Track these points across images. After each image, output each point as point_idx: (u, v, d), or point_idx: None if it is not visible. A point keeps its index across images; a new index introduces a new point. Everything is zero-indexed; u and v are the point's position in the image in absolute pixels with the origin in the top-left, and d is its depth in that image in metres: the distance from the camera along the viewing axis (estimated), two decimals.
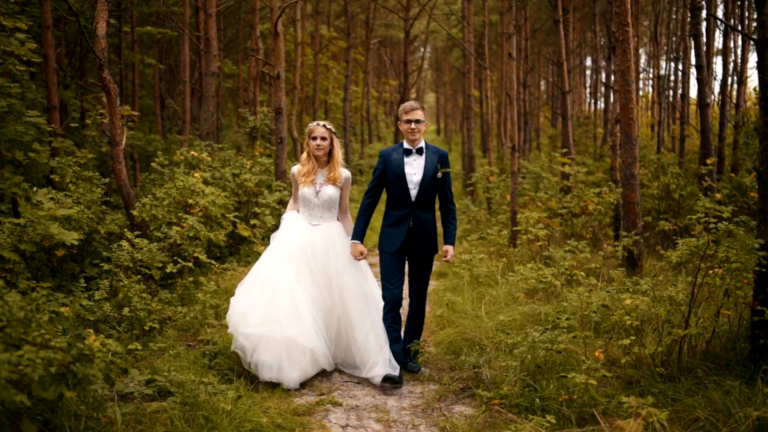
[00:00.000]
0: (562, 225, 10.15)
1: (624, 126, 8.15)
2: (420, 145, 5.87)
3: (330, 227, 6.08)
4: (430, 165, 5.83)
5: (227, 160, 10.86)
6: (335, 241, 5.99)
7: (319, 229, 6.03)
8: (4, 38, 8.90)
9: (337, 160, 6.10)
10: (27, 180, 9.43)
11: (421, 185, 5.80)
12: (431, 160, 5.85)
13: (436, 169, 5.83)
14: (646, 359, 5.07)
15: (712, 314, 5.20)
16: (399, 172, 5.79)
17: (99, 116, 11.31)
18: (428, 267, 5.99)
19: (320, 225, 6.06)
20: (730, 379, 4.59)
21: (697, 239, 5.09)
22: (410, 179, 5.80)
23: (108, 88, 8.65)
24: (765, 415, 3.72)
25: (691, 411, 4.11)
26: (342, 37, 25.81)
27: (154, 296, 7.17)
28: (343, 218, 6.27)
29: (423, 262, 5.93)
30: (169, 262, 7.57)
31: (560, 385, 4.75)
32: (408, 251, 5.87)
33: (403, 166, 5.80)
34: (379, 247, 5.95)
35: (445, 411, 5.04)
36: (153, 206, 8.44)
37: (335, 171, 6.07)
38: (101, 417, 4.27)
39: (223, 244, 9.13)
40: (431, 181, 5.82)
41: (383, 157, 5.93)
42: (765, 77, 5.04)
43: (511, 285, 7.67)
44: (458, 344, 6.22)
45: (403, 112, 5.84)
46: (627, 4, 7.97)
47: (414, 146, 5.85)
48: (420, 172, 5.81)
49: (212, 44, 12.38)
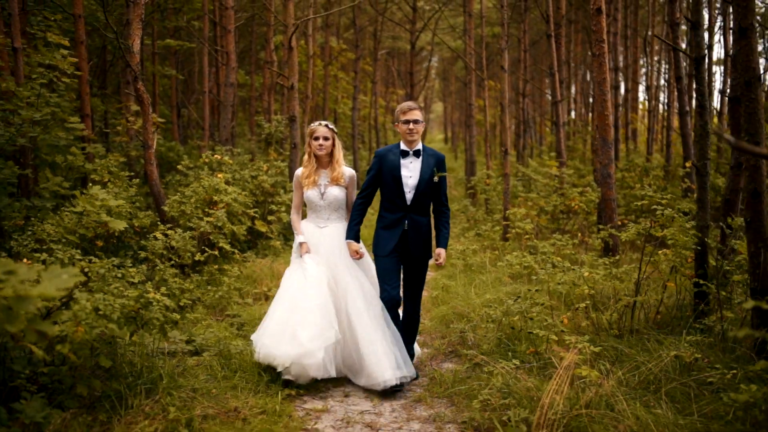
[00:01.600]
0: (549, 221, 11.15)
1: (600, 131, 9.14)
2: (417, 147, 5.70)
3: (338, 228, 5.97)
4: (427, 169, 5.67)
5: (245, 164, 11.92)
6: (343, 244, 5.89)
7: (326, 231, 5.94)
8: (49, 53, 10.02)
9: (338, 160, 6.00)
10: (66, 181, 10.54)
11: (417, 189, 5.65)
12: (428, 163, 5.68)
13: (433, 173, 5.68)
14: (603, 324, 6.06)
15: (656, 286, 6.19)
16: (395, 174, 5.65)
17: (128, 123, 12.41)
18: (422, 272, 5.84)
19: (328, 227, 5.96)
20: (670, 337, 5.57)
21: (642, 223, 6.10)
22: (406, 182, 5.66)
23: (141, 98, 9.71)
24: (681, 353, 4.72)
25: (628, 356, 5.10)
26: (351, 49, 26.90)
27: (185, 279, 8.22)
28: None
29: (417, 266, 5.79)
30: (197, 252, 8.62)
31: (529, 343, 5.75)
32: (402, 254, 5.74)
33: (400, 169, 5.65)
34: (374, 250, 5.85)
35: (435, 367, 6.04)
36: (181, 203, 9.49)
37: (338, 170, 5.96)
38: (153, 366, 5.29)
39: (243, 238, 10.19)
40: (427, 185, 5.67)
41: (378, 157, 5.79)
42: (701, 87, 6.04)
43: (499, 271, 8.69)
44: (449, 317, 7.23)
45: (401, 112, 5.70)
46: (602, 23, 8.97)
47: (411, 148, 5.68)
48: (416, 176, 5.65)
49: (231, 57, 13.46)
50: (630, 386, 4.66)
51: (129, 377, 4.78)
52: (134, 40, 9.55)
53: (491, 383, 4.87)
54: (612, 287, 6.61)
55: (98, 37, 16.28)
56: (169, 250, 8.39)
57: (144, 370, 5.01)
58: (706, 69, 5.95)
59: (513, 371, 4.92)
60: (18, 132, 9.02)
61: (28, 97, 9.31)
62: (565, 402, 4.26)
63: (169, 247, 8.37)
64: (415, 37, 22.86)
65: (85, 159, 10.80)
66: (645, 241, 6.07)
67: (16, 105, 9.19)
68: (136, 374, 4.88)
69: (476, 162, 18.92)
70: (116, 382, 4.64)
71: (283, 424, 4.64)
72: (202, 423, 4.44)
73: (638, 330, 5.87)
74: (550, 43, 13.71)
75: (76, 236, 6.59)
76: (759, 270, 4.83)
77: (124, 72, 16.61)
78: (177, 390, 4.77)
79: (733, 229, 6.04)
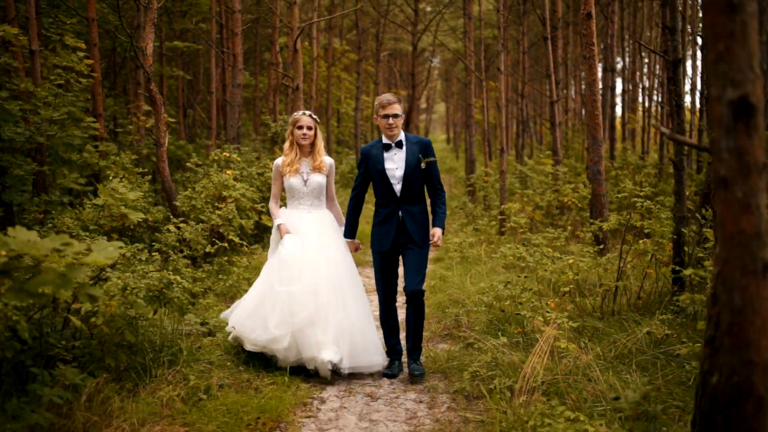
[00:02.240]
0: (544, 216, 11.63)
1: (591, 130, 9.61)
2: (399, 138, 5.72)
3: (322, 215, 6.09)
4: (412, 157, 5.66)
5: (252, 161, 12.41)
6: (328, 229, 6.03)
7: (312, 216, 6.04)
8: (66, 55, 10.52)
9: (319, 149, 6.09)
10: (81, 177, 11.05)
11: (404, 179, 5.66)
12: (412, 151, 5.68)
13: (419, 159, 5.66)
14: (587, 308, 6.54)
15: (638, 273, 6.66)
16: (379, 169, 5.68)
17: (139, 122, 12.92)
18: (423, 259, 5.73)
19: (312, 213, 6.07)
20: (647, 318, 6.05)
21: (623, 214, 6.59)
22: (392, 174, 5.67)
23: (154, 99, 10.20)
24: (653, 330, 5.19)
25: (607, 334, 5.58)
26: (353, 50, 27.38)
27: (197, 269, 8.70)
28: (331, 206, 6.27)
29: (417, 254, 5.69)
30: (208, 244, 9.11)
31: (518, 324, 6.23)
32: (402, 245, 5.72)
33: (383, 163, 5.69)
34: (372, 247, 5.87)
35: (431, 347, 6.52)
36: (192, 198, 9.97)
37: (319, 159, 6.06)
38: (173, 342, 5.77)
39: (250, 231, 10.67)
40: (415, 172, 5.67)
41: (363, 155, 5.86)
42: (677, 89, 6.52)
43: (494, 262, 9.16)
44: (445, 304, 7.71)
45: (380, 106, 5.70)
46: (592, 27, 9.44)
47: (393, 140, 5.70)
48: (402, 166, 5.67)
49: (238, 59, 13.95)
50: (606, 359, 5.13)
51: (151, 353, 5.26)
52: (147, 44, 10.02)
53: (480, 358, 5.35)
54: (596, 274, 7.08)
55: (108, 39, 16.81)
56: (182, 242, 8.87)
57: (165, 345, 5.49)
58: (681, 71, 6.42)
59: (500, 347, 5.40)
60: (38, 131, 9.52)
61: (45, 97, 9.81)
62: (546, 372, 4.74)
63: (181, 239, 8.86)
64: (416, 39, 23.37)
65: (99, 157, 11.31)
66: (626, 231, 6.54)
67: (35, 105, 9.69)
68: (158, 349, 5.36)
69: (476, 161, 19.40)
70: (140, 356, 5.13)
71: (291, 392, 5.12)
72: (219, 390, 4.92)
73: (619, 312, 6.34)
74: (547, 46, 14.18)
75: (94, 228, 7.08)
76: None
77: (134, 73, 17.14)
78: (195, 363, 5.26)
79: (707, 219, 6.51)
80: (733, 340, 1.94)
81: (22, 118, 9.52)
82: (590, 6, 9.26)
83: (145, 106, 13.52)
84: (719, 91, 1.80)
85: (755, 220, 1.83)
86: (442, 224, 5.77)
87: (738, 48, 1.77)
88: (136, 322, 5.10)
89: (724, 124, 1.81)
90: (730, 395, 1.96)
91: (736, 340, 1.93)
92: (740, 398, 1.94)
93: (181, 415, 4.38)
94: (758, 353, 1.90)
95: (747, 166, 1.81)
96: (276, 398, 4.92)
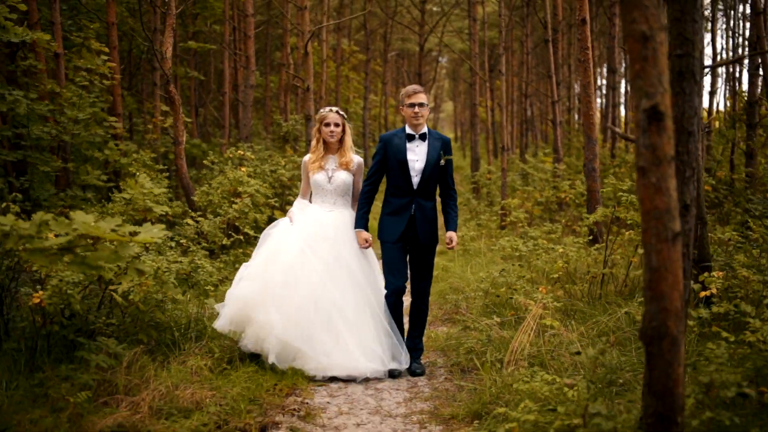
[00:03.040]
0: (543, 211, 12.18)
1: (586, 129, 10.14)
2: (423, 130, 5.66)
3: (343, 214, 5.95)
4: (434, 152, 5.62)
5: (265, 159, 13.00)
6: (347, 229, 5.89)
7: (331, 215, 5.92)
8: (90, 58, 11.14)
9: (348, 146, 5.98)
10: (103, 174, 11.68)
11: (423, 173, 5.61)
12: (434, 146, 5.64)
13: (440, 156, 5.65)
14: (576, 294, 7.09)
15: (626, 263, 7.22)
16: (401, 159, 5.60)
17: (158, 121, 13.54)
18: (430, 259, 5.79)
19: (333, 212, 5.93)
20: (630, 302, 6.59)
21: (607, 207, 7.14)
22: (413, 166, 5.60)
23: (173, 99, 10.80)
24: (631, 311, 5.75)
25: (592, 316, 6.14)
26: (362, 51, 27.96)
27: (215, 260, 9.30)
28: (355, 206, 6.06)
29: (425, 254, 5.74)
30: (224, 237, 9.70)
31: (511, 308, 6.79)
32: (410, 240, 5.70)
33: (405, 153, 5.60)
34: (380, 237, 5.76)
35: (432, 330, 7.08)
36: (209, 193, 10.57)
37: (347, 156, 5.95)
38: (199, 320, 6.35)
39: (264, 226, 11.26)
40: (434, 168, 5.63)
41: (383, 142, 5.74)
42: None
43: (494, 254, 9.72)
44: (446, 291, 8.28)
45: (406, 95, 5.64)
46: (587, 32, 9.97)
47: (417, 131, 5.64)
48: (423, 159, 5.61)
49: (251, 61, 14.55)
50: (588, 337, 5.68)
51: (177, 331, 5.85)
52: (167, 47, 10.63)
53: (475, 336, 5.92)
54: (586, 264, 7.64)
55: (125, 42, 17.44)
56: (200, 235, 9.47)
57: (191, 324, 6.07)
58: None
59: (493, 326, 5.96)
60: (64, 130, 10.14)
61: (70, 98, 10.43)
62: (532, 346, 5.30)
63: (199, 232, 9.45)
64: (423, 40, 23.89)
65: (119, 154, 11.93)
66: (611, 222, 7.10)
67: (60, 105, 10.30)
68: (185, 327, 5.94)
69: (480, 159, 19.96)
70: (168, 333, 5.71)
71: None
72: (241, 363, 5.51)
73: (606, 297, 6.89)
74: (548, 48, 14.73)
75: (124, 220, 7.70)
76: (698, 242, 5.84)
77: (149, 74, 17.75)
78: (219, 339, 5.83)
79: None
80: (652, 293, 2.48)
81: (46, 118, 10.13)
82: (585, 12, 9.79)
83: (162, 106, 14.13)
84: (638, 101, 2.34)
85: (666, 199, 2.36)
86: (456, 227, 5.81)
87: (650, 68, 2.32)
88: (163, 305, 5.68)
89: (641, 127, 2.35)
90: (652, 335, 2.51)
91: (654, 293, 2.47)
92: (659, 337, 2.49)
93: (208, 381, 4.97)
94: (671, 303, 2.45)
95: (659, 159, 2.35)
96: (291, 370, 5.49)
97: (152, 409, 4.36)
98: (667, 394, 2.51)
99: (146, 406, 4.35)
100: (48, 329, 4.92)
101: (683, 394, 2.55)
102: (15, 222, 3.49)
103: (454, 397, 5.03)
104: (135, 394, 4.54)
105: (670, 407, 2.51)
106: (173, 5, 10.71)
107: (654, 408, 2.54)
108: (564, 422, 3.31)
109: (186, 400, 4.54)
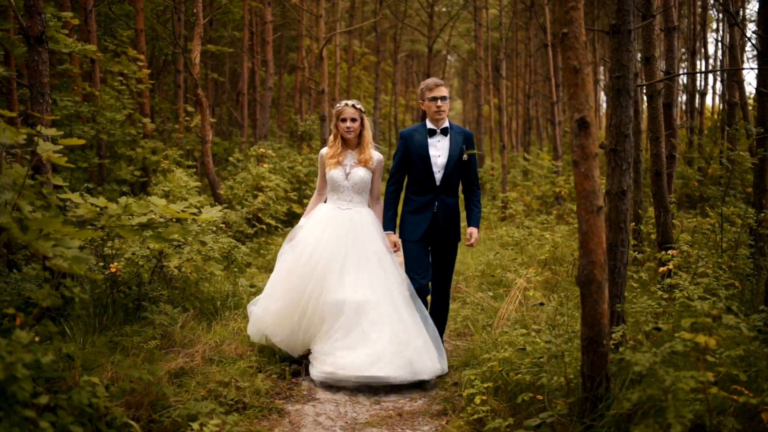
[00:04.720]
0: (540, 205, 13.18)
1: None
2: (445, 125, 5.51)
3: (361, 213, 5.65)
4: (456, 146, 5.47)
5: (284, 156, 14.06)
6: (364, 227, 5.59)
7: (348, 213, 5.62)
8: (126, 63, 12.21)
9: (367, 141, 5.67)
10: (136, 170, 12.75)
11: (446, 168, 5.46)
12: (456, 141, 5.49)
13: (462, 150, 5.49)
14: (561, 274, 8.09)
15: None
16: (423, 154, 5.45)
17: (186, 121, 14.62)
18: (452, 257, 5.70)
19: (350, 210, 5.64)
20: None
21: None
22: (435, 162, 5.46)
23: (201, 101, 11.84)
24: None
25: (574, 291, 7.13)
26: (372, 52, 28.98)
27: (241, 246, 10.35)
28: (374, 205, 5.83)
29: (447, 252, 5.65)
30: (248, 227, 10.75)
31: (503, 286, 7.79)
32: (432, 239, 5.57)
33: (427, 148, 5.45)
34: (401, 235, 5.60)
35: None
36: (233, 187, 11.62)
37: (366, 152, 5.65)
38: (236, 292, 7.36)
39: (283, 217, 12.31)
40: (457, 163, 5.48)
41: (404, 138, 5.56)
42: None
43: (493, 242, 10.73)
44: None
45: (427, 89, 5.46)
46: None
47: (439, 126, 5.49)
48: (445, 154, 5.46)
49: (269, 65, 15.61)
50: (566, 307, 6.68)
51: (219, 300, 6.88)
52: (195, 54, 11.66)
53: (470, 307, 6.93)
54: (571, 249, 8.63)
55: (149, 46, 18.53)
56: (226, 225, 10.51)
57: (228, 296, 7.09)
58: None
59: (487, 299, 6.97)
60: (103, 129, 11.20)
61: (107, 100, 11.49)
62: (516, 313, 6.30)
63: (225, 222, 10.49)
64: (432, 41, 24.88)
65: (150, 152, 13.00)
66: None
67: (98, 107, 11.36)
68: (224, 298, 6.97)
69: (485, 156, 20.97)
70: (209, 304, 6.75)
71: None
72: None
73: None
74: (547, 52, 15.71)
75: None
76: (661, 228, 6.82)
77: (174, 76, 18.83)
78: None
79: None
80: (583, 250, 3.46)
81: (84, 118, 11.18)
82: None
83: (187, 107, 15.18)
84: (572, 114, 3.33)
85: (592, 183, 3.34)
86: (478, 224, 5.74)
87: (580, 92, 3.31)
88: (207, 278, 6.72)
89: (574, 132, 3.34)
90: (583, 281, 3.49)
91: (585, 250, 3.45)
92: (588, 282, 3.47)
93: (248, 339, 5.99)
94: (596, 257, 3.43)
95: (587, 155, 3.33)
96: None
97: (204, 358, 5.39)
98: (595, 323, 3.50)
99: (199, 356, 5.38)
100: (115, 296, 5.96)
101: (608, 324, 3.54)
102: (107, 203, 4.53)
103: (451, 354, 6.04)
104: (189, 347, 5.58)
105: (598, 333, 3.50)
106: (201, 15, 11.73)
107: (587, 335, 3.53)
108: (532, 358, 4.33)
109: (231, 352, 5.58)
